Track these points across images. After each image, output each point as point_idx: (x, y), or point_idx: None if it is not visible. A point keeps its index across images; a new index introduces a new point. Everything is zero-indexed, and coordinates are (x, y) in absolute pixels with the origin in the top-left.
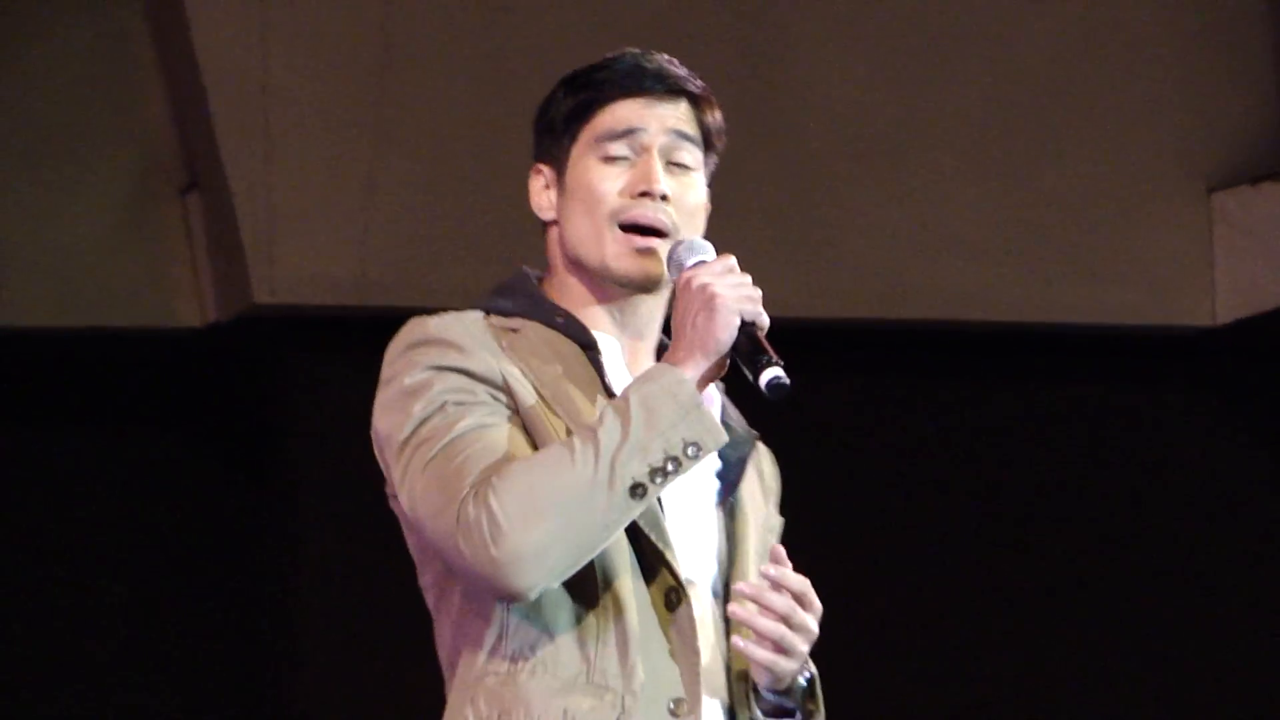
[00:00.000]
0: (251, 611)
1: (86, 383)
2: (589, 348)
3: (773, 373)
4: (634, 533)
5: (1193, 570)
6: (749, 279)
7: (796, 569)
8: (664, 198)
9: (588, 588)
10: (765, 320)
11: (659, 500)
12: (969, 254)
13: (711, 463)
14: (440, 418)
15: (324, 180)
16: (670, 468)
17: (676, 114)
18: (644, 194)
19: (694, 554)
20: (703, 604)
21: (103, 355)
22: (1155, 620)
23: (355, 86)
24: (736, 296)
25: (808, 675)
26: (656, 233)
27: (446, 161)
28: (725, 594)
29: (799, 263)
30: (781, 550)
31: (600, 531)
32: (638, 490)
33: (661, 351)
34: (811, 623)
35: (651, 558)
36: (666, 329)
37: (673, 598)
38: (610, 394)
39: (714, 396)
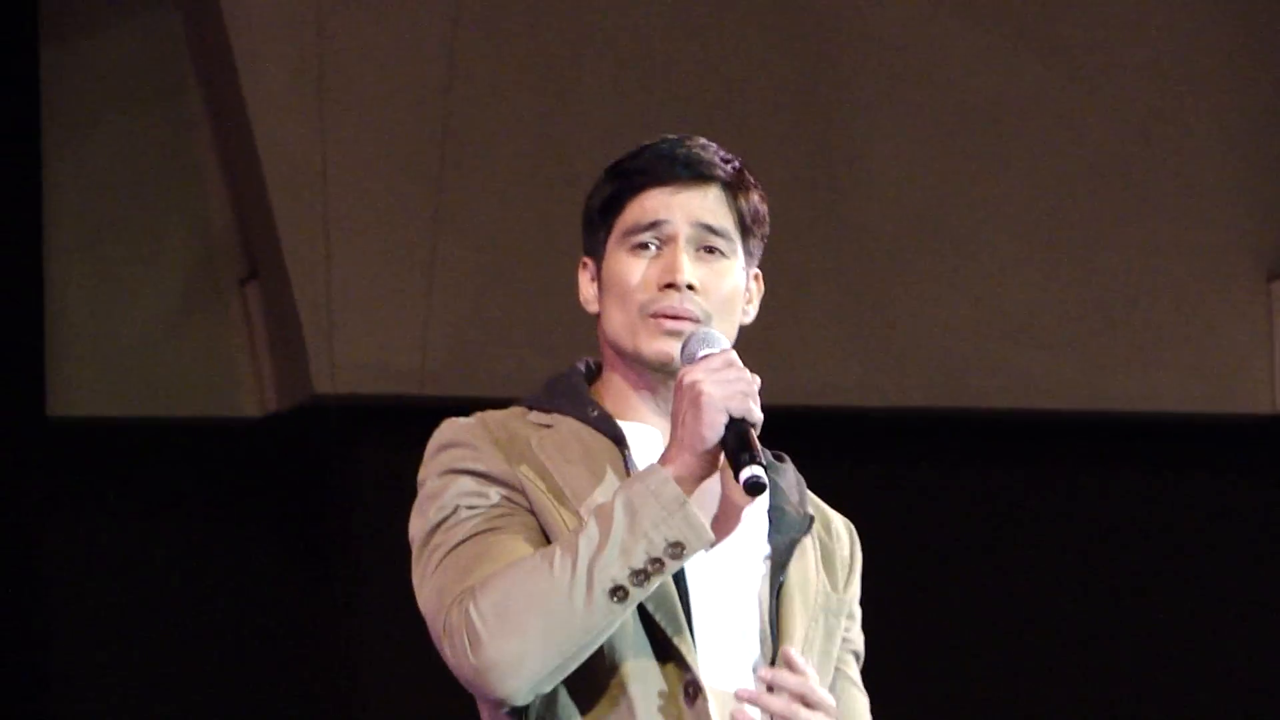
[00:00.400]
0: (312, 703)
1: (147, 473)
2: (619, 442)
3: (749, 473)
4: (650, 625)
5: (1254, 660)
6: (746, 375)
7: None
8: (690, 287)
9: (601, 682)
10: (757, 416)
11: (683, 589)
12: (1029, 342)
13: (760, 546)
14: (452, 521)
15: (383, 269)
16: (653, 569)
17: (705, 201)
18: (669, 285)
19: (726, 642)
20: (730, 694)
21: (163, 445)
22: (1211, 707)
23: (414, 176)
24: (725, 394)
25: None
26: (687, 319)
27: (505, 250)
28: None
29: (861, 351)
30: (790, 652)
31: (582, 636)
32: (618, 593)
33: None
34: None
35: (667, 649)
36: None
37: (690, 690)
38: None
39: (768, 477)
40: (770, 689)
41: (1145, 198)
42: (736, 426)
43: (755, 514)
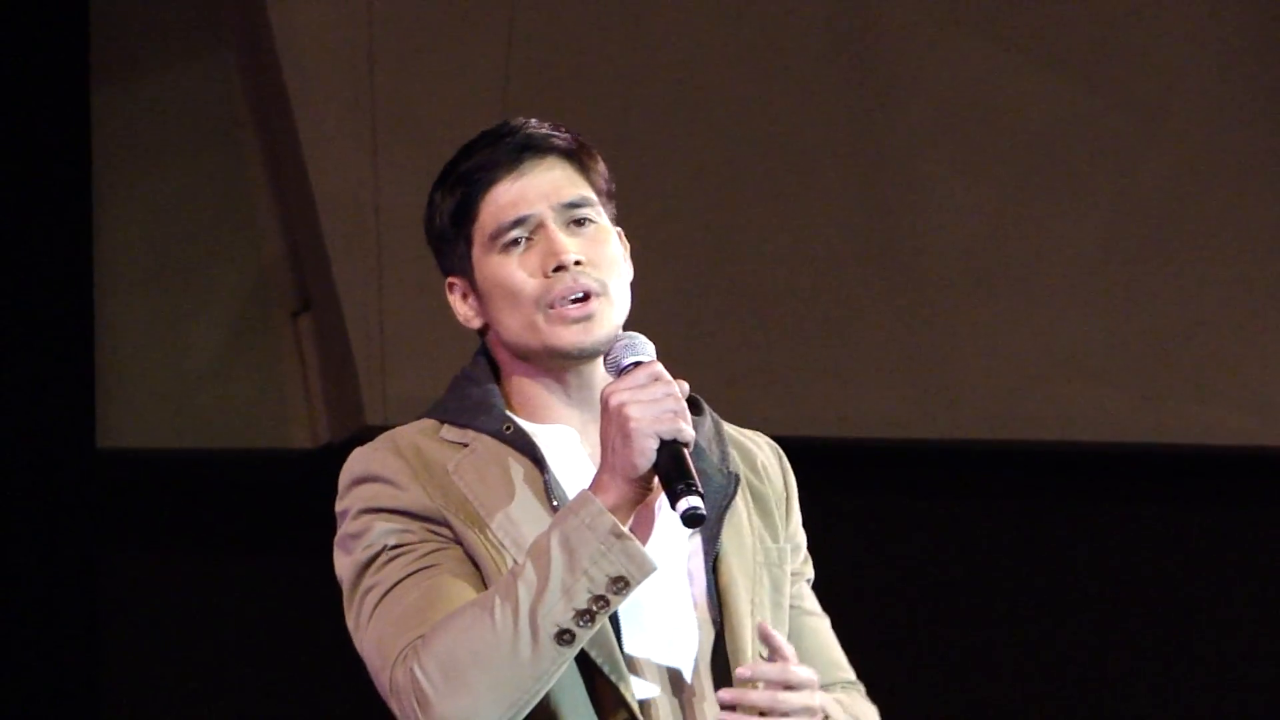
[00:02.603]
0: None
1: (200, 504)
2: (538, 463)
3: (687, 503)
4: (585, 665)
5: None
6: (673, 389)
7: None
8: (578, 263)
9: None
10: (689, 435)
11: (614, 614)
12: (1082, 376)
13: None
14: (378, 566)
15: (435, 302)
16: (597, 608)
17: (555, 179)
18: (558, 269)
19: (667, 646)
20: (680, 696)
21: (216, 477)
22: None
23: None
24: (654, 415)
25: None
26: (585, 296)
27: None
28: (723, 656)
29: (913, 384)
30: (765, 627)
31: (531, 683)
32: (564, 637)
33: None
34: (803, 701)
35: (605, 693)
36: None
37: None
38: (557, 511)
39: (702, 426)
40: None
41: (1197, 234)
42: (669, 449)
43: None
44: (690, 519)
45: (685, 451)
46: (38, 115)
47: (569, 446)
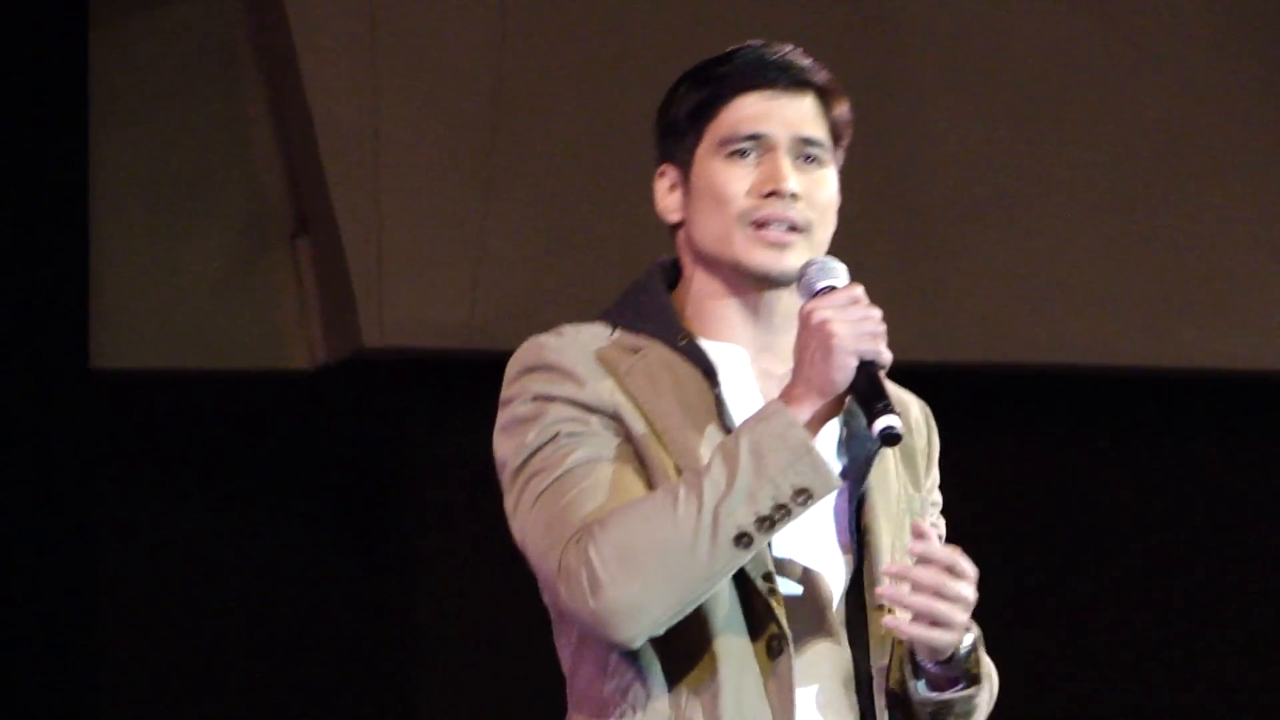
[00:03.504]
0: (366, 651)
1: (197, 424)
2: (709, 375)
3: (884, 423)
4: (739, 575)
5: None
6: (875, 313)
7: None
8: (793, 195)
9: (686, 633)
10: (887, 358)
11: None
12: (1084, 299)
13: (836, 462)
14: (552, 449)
15: (434, 224)
16: (778, 516)
17: (802, 110)
18: (772, 193)
19: (810, 578)
20: (816, 630)
21: (213, 397)
22: (1264, 666)
23: (466, 131)
24: (856, 334)
25: (970, 640)
26: (790, 228)
27: (556, 207)
28: (859, 594)
29: (913, 308)
30: (923, 524)
31: (703, 583)
32: (743, 540)
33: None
34: (966, 590)
35: (755, 603)
36: None
37: (774, 645)
38: (727, 428)
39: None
40: (919, 563)
41: (1201, 158)
42: (866, 369)
43: (830, 426)
44: (888, 438)
45: (881, 375)
46: (34, 35)
47: (739, 367)
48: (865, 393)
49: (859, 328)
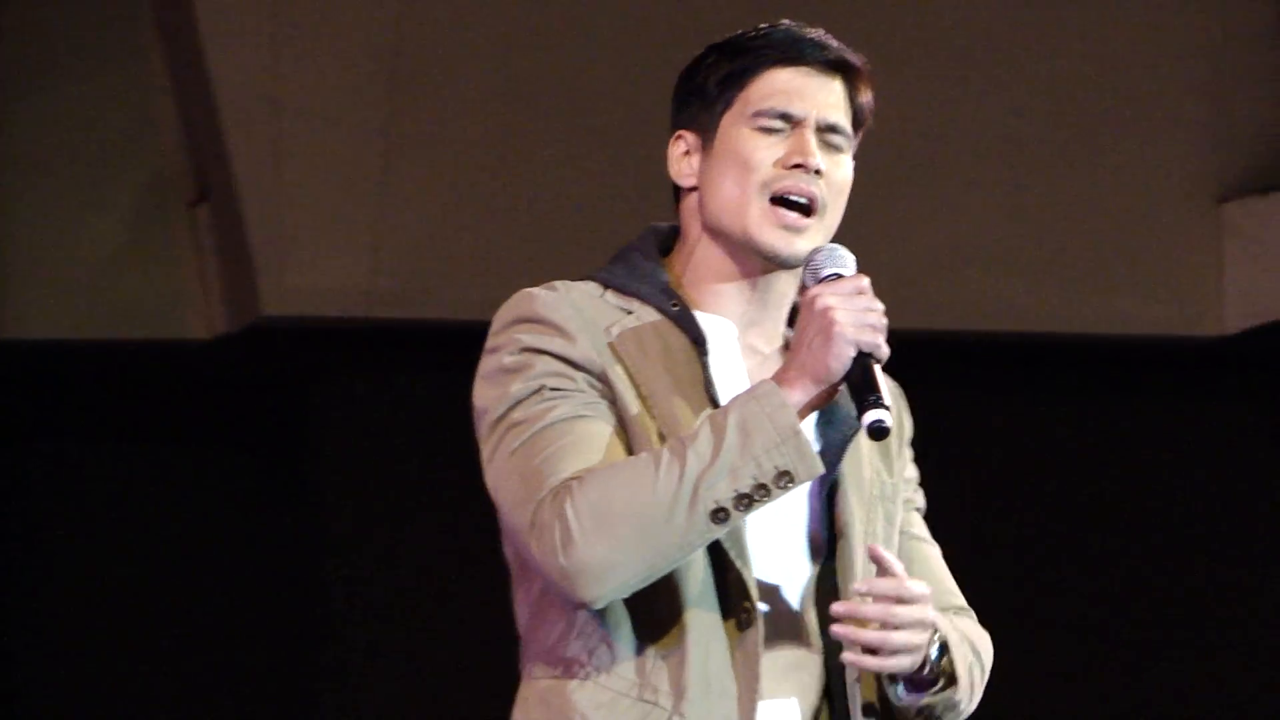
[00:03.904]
0: (268, 617)
1: (96, 395)
2: (699, 344)
3: (874, 416)
4: (714, 547)
5: (1199, 575)
6: (879, 305)
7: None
8: (818, 172)
9: (657, 599)
10: (885, 352)
11: None
12: (986, 265)
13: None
14: (535, 401)
15: (334, 192)
16: (758, 496)
17: (832, 92)
18: (798, 166)
19: (779, 558)
20: (785, 610)
21: (112, 367)
22: (1156, 619)
23: (366, 99)
24: (857, 324)
25: (937, 647)
26: (806, 208)
27: (458, 173)
28: (830, 575)
29: None
30: (876, 548)
31: (675, 551)
32: (720, 515)
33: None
34: (916, 614)
35: (728, 575)
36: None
37: (744, 619)
38: (712, 399)
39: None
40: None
41: (1098, 123)
42: (863, 361)
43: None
44: (877, 431)
45: (877, 368)
46: None
47: (726, 340)
48: (859, 384)
49: (861, 318)
